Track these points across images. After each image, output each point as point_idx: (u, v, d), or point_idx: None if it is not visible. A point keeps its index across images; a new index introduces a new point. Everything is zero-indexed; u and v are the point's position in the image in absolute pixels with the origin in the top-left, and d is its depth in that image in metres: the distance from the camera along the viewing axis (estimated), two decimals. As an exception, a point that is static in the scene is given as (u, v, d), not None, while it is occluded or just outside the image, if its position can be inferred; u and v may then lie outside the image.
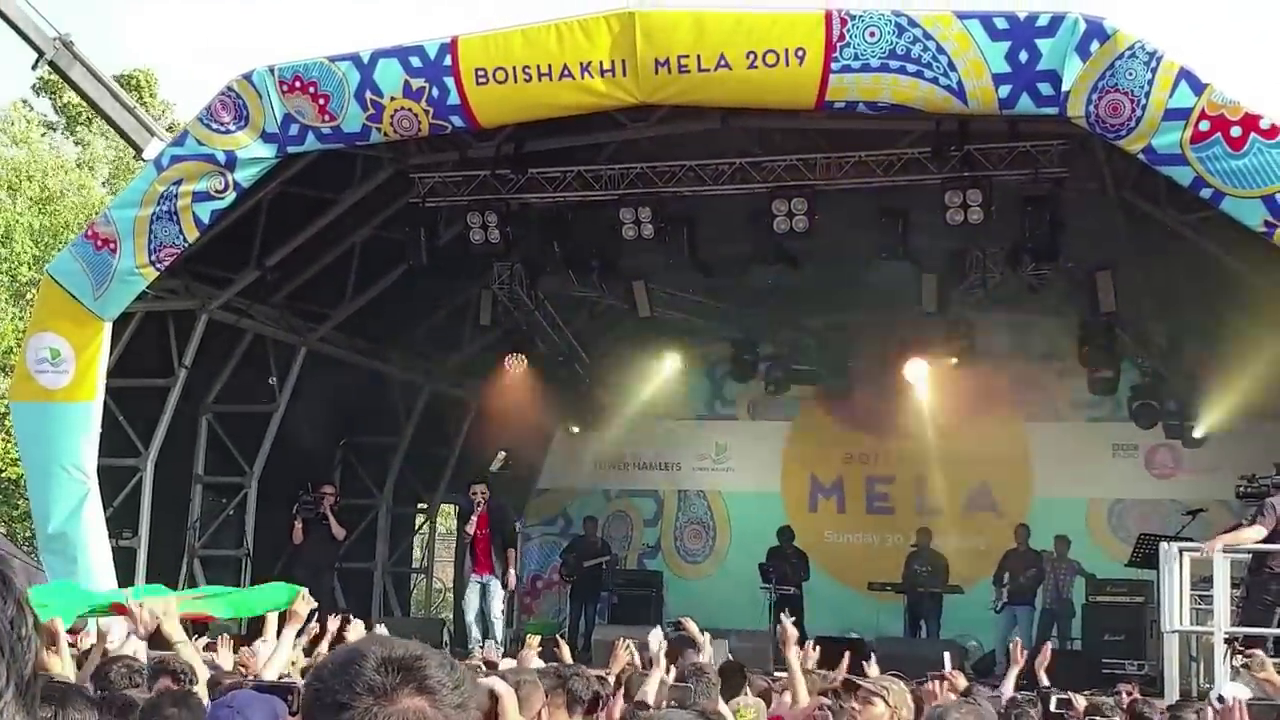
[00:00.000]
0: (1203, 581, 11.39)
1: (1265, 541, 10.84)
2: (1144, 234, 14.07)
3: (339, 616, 9.47)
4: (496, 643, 14.62)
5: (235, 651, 8.65)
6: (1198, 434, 17.59)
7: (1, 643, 0.88)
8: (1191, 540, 12.49)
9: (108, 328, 13.38)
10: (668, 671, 7.23)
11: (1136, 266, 14.84)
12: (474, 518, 15.49)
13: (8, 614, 0.89)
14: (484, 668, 7.64)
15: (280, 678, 5.93)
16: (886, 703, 5.71)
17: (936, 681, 8.18)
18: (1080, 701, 7.72)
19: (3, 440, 26.14)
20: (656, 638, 7.64)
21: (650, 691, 6.57)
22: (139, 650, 6.89)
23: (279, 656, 6.65)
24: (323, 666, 1.86)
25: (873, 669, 8.16)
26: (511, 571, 15.42)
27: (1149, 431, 17.92)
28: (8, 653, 0.88)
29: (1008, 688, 9.07)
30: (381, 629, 8.84)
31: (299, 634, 7.36)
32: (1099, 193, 13.77)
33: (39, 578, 12.81)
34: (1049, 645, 10.37)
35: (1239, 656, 9.66)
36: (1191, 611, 11.23)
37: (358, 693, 1.76)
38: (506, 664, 8.31)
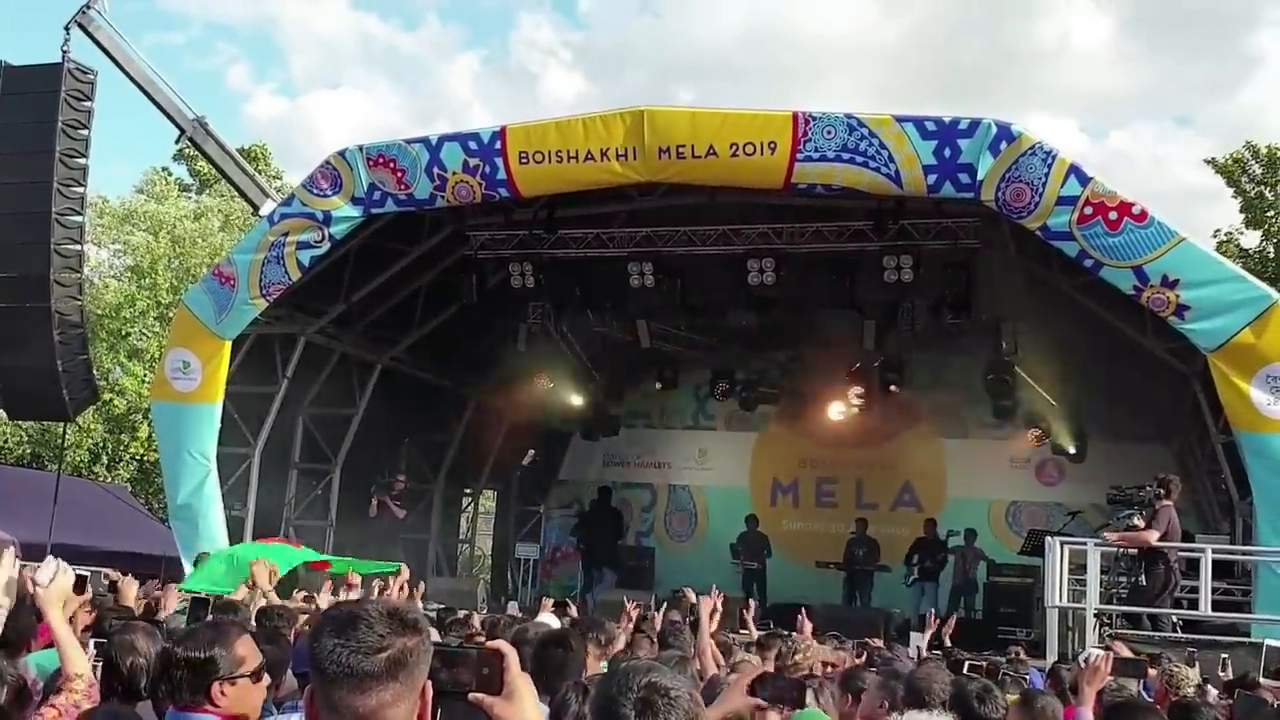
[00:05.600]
0: (1079, 569, 11.32)
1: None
2: (1040, 293, 14.02)
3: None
4: (517, 600, 14.55)
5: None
6: (1076, 451, 17.53)
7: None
8: (1071, 535, 12.41)
9: (228, 346, 13.41)
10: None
11: (1033, 319, 14.77)
12: None
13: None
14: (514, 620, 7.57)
15: None
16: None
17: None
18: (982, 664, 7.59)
19: (147, 432, 26.13)
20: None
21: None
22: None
23: None
24: (329, 629, 1.81)
25: (806, 627, 7.96)
26: None
27: (1039, 449, 17.84)
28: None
29: (921, 646, 9.01)
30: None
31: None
32: (1005, 260, 13.74)
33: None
34: (954, 617, 10.29)
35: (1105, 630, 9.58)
36: (1069, 592, 11.19)
37: (382, 634, 1.79)
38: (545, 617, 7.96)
